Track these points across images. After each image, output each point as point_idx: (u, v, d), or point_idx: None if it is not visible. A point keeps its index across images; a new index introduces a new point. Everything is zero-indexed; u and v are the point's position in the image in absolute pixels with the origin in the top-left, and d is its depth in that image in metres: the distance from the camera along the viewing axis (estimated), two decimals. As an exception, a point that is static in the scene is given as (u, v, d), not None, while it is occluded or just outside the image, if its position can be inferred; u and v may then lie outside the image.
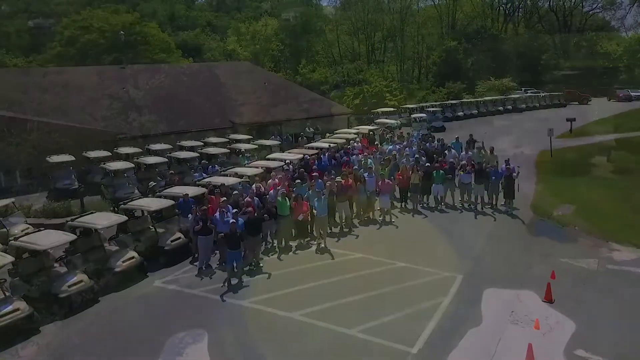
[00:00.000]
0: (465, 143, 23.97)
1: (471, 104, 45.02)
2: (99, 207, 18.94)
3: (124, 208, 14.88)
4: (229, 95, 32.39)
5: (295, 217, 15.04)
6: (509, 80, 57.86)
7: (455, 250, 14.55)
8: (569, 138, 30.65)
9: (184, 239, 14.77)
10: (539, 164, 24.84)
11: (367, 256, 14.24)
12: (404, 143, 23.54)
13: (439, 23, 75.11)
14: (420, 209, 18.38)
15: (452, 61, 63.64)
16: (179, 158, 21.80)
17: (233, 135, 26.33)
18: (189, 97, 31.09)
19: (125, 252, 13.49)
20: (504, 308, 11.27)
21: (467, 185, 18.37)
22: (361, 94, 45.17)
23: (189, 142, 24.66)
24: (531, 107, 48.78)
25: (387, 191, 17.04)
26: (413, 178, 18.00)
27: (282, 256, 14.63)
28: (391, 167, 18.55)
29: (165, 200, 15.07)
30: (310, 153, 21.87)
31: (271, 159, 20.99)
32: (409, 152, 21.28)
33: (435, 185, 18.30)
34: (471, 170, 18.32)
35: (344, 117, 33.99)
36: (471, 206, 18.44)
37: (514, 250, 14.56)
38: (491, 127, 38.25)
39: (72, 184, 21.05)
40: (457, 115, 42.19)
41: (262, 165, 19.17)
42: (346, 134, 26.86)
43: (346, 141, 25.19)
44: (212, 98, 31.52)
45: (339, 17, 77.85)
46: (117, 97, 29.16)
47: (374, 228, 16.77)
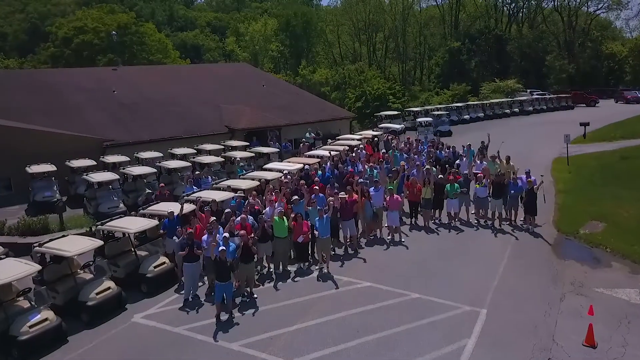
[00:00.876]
0: (477, 151, 22.22)
1: (477, 107, 43.26)
2: (79, 223, 17.22)
3: (101, 229, 13.10)
4: (226, 98, 30.61)
5: (295, 239, 13.29)
6: (514, 82, 56.07)
7: (474, 276, 12.79)
8: (584, 144, 28.87)
9: (169, 264, 13.01)
10: (555, 173, 23.05)
11: (376, 285, 12.47)
12: (412, 151, 21.77)
13: (442, 23, 73.41)
14: (432, 226, 16.62)
15: (456, 62, 61.96)
16: (169, 168, 20.01)
17: (228, 142, 24.55)
18: (183, 100, 29.33)
19: (99, 283, 11.73)
20: (541, 355, 9.52)
21: (483, 200, 16.59)
22: (363, 96, 43.42)
23: (180, 149, 22.87)
24: (538, 110, 47.05)
25: (395, 207, 15.26)
26: (424, 192, 16.23)
27: (279, 284, 12.86)
28: (399, 179, 16.77)
29: (147, 220, 13.28)
30: (310, 162, 20.13)
31: (268, 169, 19.23)
32: (419, 162, 19.54)
33: (449, 200, 16.55)
34: (488, 183, 16.59)
35: (346, 121, 32.13)
36: (487, 222, 16.70)
37: (542, 277, 12.77)
38: (499, 131, 36.50)
39: (53, 196, 19.26)
40: (463, 118, 40.44)
41: (258, 177, 17.39)
42: (349, 140, 25.08)
43: (349, 148, 23.43)
44: (207, 101, 29.76)
45: (339, 17, 76.10)
46: (106, 101, 27.37)
47: (381, 249, 14.99)
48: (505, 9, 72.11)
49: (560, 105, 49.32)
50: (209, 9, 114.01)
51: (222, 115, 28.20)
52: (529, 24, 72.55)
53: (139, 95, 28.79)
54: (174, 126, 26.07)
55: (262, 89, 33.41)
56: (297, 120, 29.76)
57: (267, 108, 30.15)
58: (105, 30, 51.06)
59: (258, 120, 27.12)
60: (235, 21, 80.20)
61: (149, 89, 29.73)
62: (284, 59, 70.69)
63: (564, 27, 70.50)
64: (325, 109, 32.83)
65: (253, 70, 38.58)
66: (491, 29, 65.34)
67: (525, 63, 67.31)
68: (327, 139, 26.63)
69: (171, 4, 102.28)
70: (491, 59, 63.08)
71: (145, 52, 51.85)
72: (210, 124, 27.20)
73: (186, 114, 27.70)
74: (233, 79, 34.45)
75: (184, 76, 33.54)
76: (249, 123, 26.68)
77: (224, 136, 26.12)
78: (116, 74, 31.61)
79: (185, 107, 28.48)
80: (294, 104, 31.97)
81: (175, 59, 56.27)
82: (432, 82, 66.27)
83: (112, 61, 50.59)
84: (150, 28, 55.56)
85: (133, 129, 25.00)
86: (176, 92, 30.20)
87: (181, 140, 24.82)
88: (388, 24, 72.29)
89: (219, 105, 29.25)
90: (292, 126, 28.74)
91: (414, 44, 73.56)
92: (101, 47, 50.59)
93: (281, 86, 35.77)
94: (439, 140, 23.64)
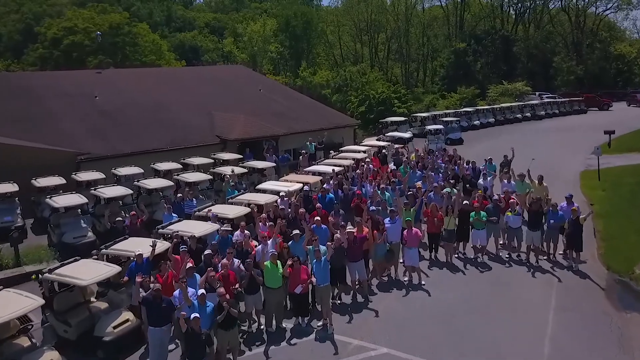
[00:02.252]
0: (500, 166, 19.45)
1: (487, 112, 40.40)
2: (37, 257, 14.43)
3: (45, 279, 10.30)
4: (219, 103, 27.80)
5: (292, 290, 10.53)
6: (522, 84, 53.26)
7: (517, 339, 10.02)
8: (610, 154, 25.95)
9: (134, 321, 10.23)
10: (586, 190, 20.21)
11: (394, 352, 9.69)
12: (427, 166, 18.96)
13: (446, 24, 70.59)
14: (455, 262, 13.84)
15: (461, 64, 59.14)
16: (149, 188, 17.18)
17: (219, 155, 21.72)
18: (172, 106, 26.52)
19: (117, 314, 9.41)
20: None
21: (516, 231, 13.82)
22: (367, 100, 40.61)
23: (165, 164, 20.04)
24: (550, 114, 44.22)
25: (415, 244, 12.47)
26: (447, 222, 13.43)
27: (270, 349, 10.06)
28: (417, 206, 13.97)
29: (105, 268, 10.46)
30: (311, 181, 17.35)
31: (262, 189, 16.44)
32: (436, 181, 16.77)
33: (476, 230, 13.77)
34: (522, 210, 13.84)
35: (349, 129, 29.32)
36: (520, 256, 13.93)
37: (604, 341, 9.96)
38: (513, 138, 33.69)
39: (14, 222, 16.50)
40: (473, 124, 37.63)
41: (249, 201, 14.61)
42: (354, 152, 22.27)
43: (355, 162, 20.64)
44: (198, 107, 26.93)
45: (340, 17, 73.33)
46: (86, 107, 24.57)
47: (398, 294, 12.19)
48: (512, 9, 69.24)
49: (572, 109, 46.49)
50: (208, 9, 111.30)
51: (213, 123, 25.38)
52: (535, 25, 69.69)
53: (123, 101, 25.98)
54: (160, 136, 23.27)
55: (259, 93, 30.60)
56: (297, 128, 26.93)
57: (263, 115, 27.37)
58: (96, 31, 48.25)
59: (253, 129, 24.30)
60: (233, 21, 77.33)
61: (135, 94, 26.92)
62: (283, 60, 67.89)
63: (571, 27, 67.71)
64: (327, 115, 29.99)
65: (249, 73, 35.76)
66: (498, 29, 62.49)
67: (531, 64, 64.48)
68: (330, 150, 23.83)
69: (169, 5, 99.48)
70: (497, 60, 60.26)
71: (138, 54, 49.04)
72: (200, 133, 24.39)
73: (174, 122, 24.90)
74: (228, 82, 31.65)
75: (175, 79, 30.72)
76: (243, 132, 23.84)
77: (215, 148, 23.30)
78: (100, 78, 28.77)
79: (174, 114, 25.68)
80: (293, 110, 29.16)
81: (170, 60, 53.45)
82: (437, 84, 63.43)
83: (103, 63, 47.94)
84: (144, 28, 52.74)
85: (113, 140, 22.19)
86: (165, 97, 27.39)
87: (167, 153, 22.01)
88: (390, 24, 69.51)
89: (210, 112, 26.43)
90: (291, 135, 25.91)
91: (416, 45, 70.77)
92: (92, 49, 47.75)
93: (279, 90, 32.95)
94: (456, 153, 20.80)
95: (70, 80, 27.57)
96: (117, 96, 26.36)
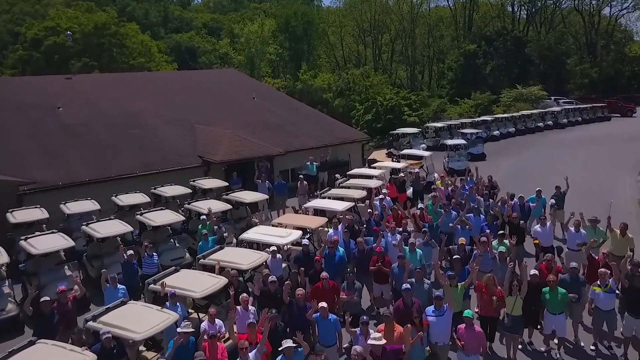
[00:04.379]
0: (552, 200, 15.16)
1: (507, 121, 35.92)
2: None
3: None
4: (204, 115, 23.40)
5: None
6: (537, 89, 48.77)
7: None
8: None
9: None
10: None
11: None
12: (458, 199, 14.59)
13: (453, 24, 66.10)
14: (520, 358, 9.49)
15: (471, 66, 54.66)
16: (100, 238, 12.71)
17: (199, 182, 17.30)
18: (149, 119, 22.12)
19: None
20: None
21: (608, 315, 9.44)
22: (374, 107, 36.17)
23: (130, 196, 15.69)
24: (573, 122, 39.79)
25: (475, 349, 8.07)
26: (510, 305, 9.06)
27: None
28: (468, 283, 9.54)
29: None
30: (313, 225, 12.98)
31: (247, 240, 12.06)
32: (479, 227, 12.46)
33: (549, 314, 9.39)
34: (616, 284, 9.48)
35: (357, 145, 24.83)
36: (612, 349, 9.59)
37: None
38: (538, 152, 29.36)
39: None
40: (492, 134, 33.20)
41: (226, 264, 10.24)
42: (365, 179, 17.85)
43: (366, 191, 16.24)
44: (180, 120, 22.48)
45: (342, 18, 68.94)
46: (44, 122, 20.18)
47: None
48: (523, 8, 64.70)
49: (595, 116, 42.07)
50: (206, 10, 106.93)
51: (196, 139, 20.95)
52: (547, 25, 65.23)
53: (90, 113, 21.59)
54: (130, 158, 18.85)
55: (252, 102, 26.14)
56: (295, 144, 22.46)
57: (256, 128, 22.97)
58: (80, 32, 43.92)
59: (242, 148, 19.84)
60: (230, 22, 72.94)
61: (106, 105, 22.51)
62: (282, 62, 63.44)
63: (585, 28, 63.27)
64: (331, 128, 25.45)
65: (242, 79, 31.24)
66: (509, 30, 58.01)
67: (544, 67, 60.03)
68: (335, 175, 19.43)
69: (166, 5, 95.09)
70: (509, 62, 55.79)
71: (125, 56, 44.60)
72: (180, 153, 19.94)
73: (149, 139, 20.48)
74: (217, 89, 27.21)
75: (156, 86, 26.23)
76: (230, 152, 19.38)
77: (196, 171, 18.92)
78: (69, 85, 24.36)
79: (150, 129, 21.25)
80: (291, 123, 24.69)
81: (161, 62, 48.98)
82: (444, 87, 58.96)
83: (88, 66, 43.63)
84: (133, 29, 48.25)
85: (71, 164, 17.77)
86: (141, 107, 22.99)
87: (136, 180, 17.66)
88: (395, 24, 65.10)
89: (193, 126, 22.02)
90: (289, 153, 21.48)
91: (422, 46, 66.35)
92: (75, 50, 43.35)
93: (276, 98, 28.45)
94: (493, 181, 16.41)
95: (31, 88, 23.16)
96: (84, 107, 21.97)
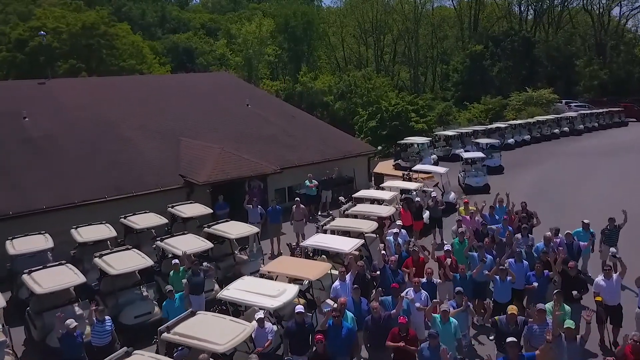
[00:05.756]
0: (601, 236, 12.38)
1: (521, 127, 32.97)
2: None
3: None
4: (190, 126, 20.49)
5: None
6: (548, 92, 45.86)
7: None
8: None
9: None
10: None
11: None
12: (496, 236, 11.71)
13: (458, 24, 63.19)
14: None
15: (477, 68, 51.79)
16: (41, 294, 9.80)
17: (178, 209, 14.38)
18: (126, 130, 19.18)
19: None
20: None
21: None
22: (378, 113, 33.24)
23: (92, 228, 12.80)
24: (590, 128, 36.85)
25: None
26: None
27: None
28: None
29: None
30: (312, 276, 10.09)
31: (227, 300, 9.18)
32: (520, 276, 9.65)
33: None
34: None
35: (363, 158, 21.85)
36: None
37: None
38: (560, 163, 26.48)
39: None
40: (507, 143, 30.25)
41: (197, 341, 7.37)
42: (375, 205, 14.94)
43: (378, 222, 13.33)
44: (162, 132, 19.53)
45: (343, 18, 66.05)
46: (5, 136, 17.27)
47: None
48: (531, 8, 61.76)
49: (612, 122, 39.17)
50: (205, 10, 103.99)
51: (179, 155, 18.01)
52: (555, 26, 62.28)
53: (60, 123, 18.70)
54: (99, 178, 15.90)
55: (246, 110, 23.17)
56: (293, 160, 19.46)
57: (249, 141, 20.06)
58: (67, 32, 41.03)
59: (231, 166, 16.88)
60: (227, 22, 70.09)
61: (80, 113, 19.60)
62: (281, 64, 60.53)
63: (594, 28, 60.34)
64: (334, 139, 22.42)
65: (236, 83, 28.21)
66: (517, 30, 55.09)
67: (552, 69, 57.11)
68: (339, 199, 16.54)
69: (163, 5, 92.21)
70: (517, 64, 52.89)
71: (115, 57, 41.68)
72: (159, 171, 16.95)
73: (124, 154, 17.55)
74: (208, 95, 24.27)
75: (141, 92, 23.28)
76: (217, 171, 16.42)
77: (177, 193, 16.03)
78: (41, 90, 21.47)
79: (126, 142, 18.31)
80: (288, 133, 21.71)
81: (153, 64, 46.05)
82: (449, 90, 56.09)
83: (75, 68, 40.74)
84: (124, 29, 45.28)
85: (27, 188, 14.87)
86: (120, 116, 20.07)
87: (105, 206, 14.78)
88: (397, 24, 62.21)
89: (178, 139, 19.10)
90: (286, 170, 18.57)
91: (425, 47, 63.46)
92: (62, 52, 40.46)
93: (272, 105, 25.44)
94: (528, 210, 13.52)
95: (1, 93, 20.30)
96: (53, 117, 19.05)
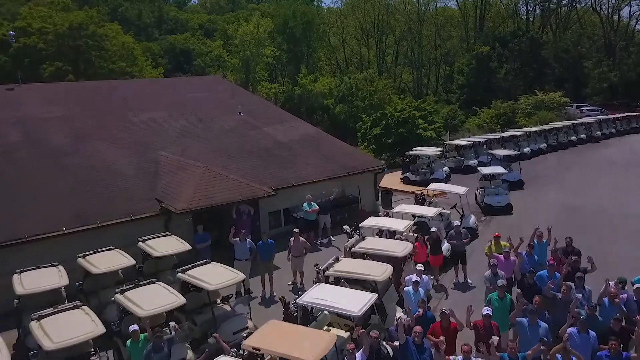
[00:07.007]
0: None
1: (537, 135, 30.27)
2: None
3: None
4: (173, 139, 17.81)
5: None
6: (559, 95, 43.25)
7: None
8: None
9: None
10: None
11: None
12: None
13: (462, 25, 60.53)
14: None
15: (484, 70, 49.13)
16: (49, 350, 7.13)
17: (149, 245, 11.70)
18: (97, 144, 16.49)
19: None
20: None
21: None
22: (383, 120, 30.59)
23: (43, 272, 10.17)
24: (607, 134, 34.22)
25: None
26: None
27: None
28: None
29: None
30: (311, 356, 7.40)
31: None
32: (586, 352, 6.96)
33: None
34: None
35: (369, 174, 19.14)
36: None
37: None
38: (585, 175, 23.86)
39: None
40: (523, 152, 27.54)
41: None
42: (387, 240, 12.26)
43: (392, 263, 10.64)
44: (139, 147, 16.88)
45: (344, 18, 63.42)
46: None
47: None
48: (538, 8, 59.10)
49: (630, 127, 36.55)
50: (203, 11, 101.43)
51: (157, 175, 15.34)
52: (562, 26, 59.63)
53: (22, 135, 16.08)
54: (57, 205, 13.25)
55: (238, 119, 20.49)
56: (289, 179, 16.73)
57: (238, 155, 17.40)
58: (54, 33, 38.41)
59: (217, 188, 14.18)
60: (224, 22, 67.48)
61: (45, 125, 16.97)
62: (280, 65, 57.89)
63: (603, 29, 57.72)
64: (336, 152, 19.59)
65: (229, 88, 25.61)
66: (524, 31, 52.43)
67: (560, 71, 54.49)
68: (343, 227, 13.91)
69: (161, 5, 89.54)
70: (524, 66, 50.25)
71: (104, 60, 39.04)
72: (132, 196, 14.25)
73: (92, 174, 14.88)
74: (196, 102, 21.58)
75: (122, 98, 20.57)
76: (199, 195, 13.70)
77: (152, 223, 13.36)
78: (8, 97, 18.85)
79: (95, 158, 15.64)
80: (285, 146, 18.96)
81: (145, 67, 43.40)
82: (454, 93, 53.43)
83: (61, 71, 38.09)
84: (114, 29, 42.58)
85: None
86: (93, 127, 17.43)
87: (62, 240, 12.12)
88: (400, 24, 59.56)
89: (157, 154, 16.43)
90: (282, 190, 15.91)
91: (428, 48, 60.81)
92: (48, 54, 37.85)
93: (268, 112, 22.67)
94: (574, 246, 10.88)
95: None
96: (14, 129, 16.41)
